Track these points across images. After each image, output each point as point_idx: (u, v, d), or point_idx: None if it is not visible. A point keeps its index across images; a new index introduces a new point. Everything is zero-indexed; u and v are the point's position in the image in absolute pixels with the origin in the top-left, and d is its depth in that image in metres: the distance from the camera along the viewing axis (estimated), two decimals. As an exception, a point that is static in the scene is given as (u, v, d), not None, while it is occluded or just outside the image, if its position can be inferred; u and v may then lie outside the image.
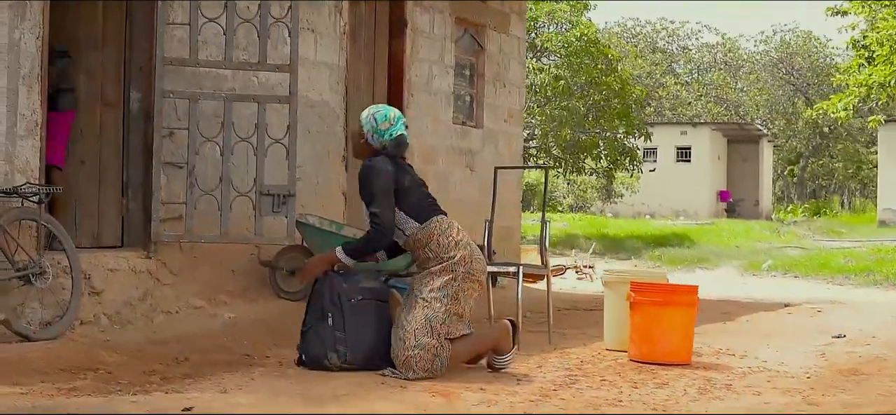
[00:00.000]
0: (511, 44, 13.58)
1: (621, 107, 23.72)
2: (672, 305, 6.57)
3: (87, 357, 6.60)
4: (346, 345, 5.94)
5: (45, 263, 7.24)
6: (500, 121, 13.40)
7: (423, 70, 11.84)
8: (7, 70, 7.29)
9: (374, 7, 11.42)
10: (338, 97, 10.52)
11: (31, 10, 7.43)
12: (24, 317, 7.26)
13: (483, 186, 12.69)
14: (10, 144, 7.33)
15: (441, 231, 6.21)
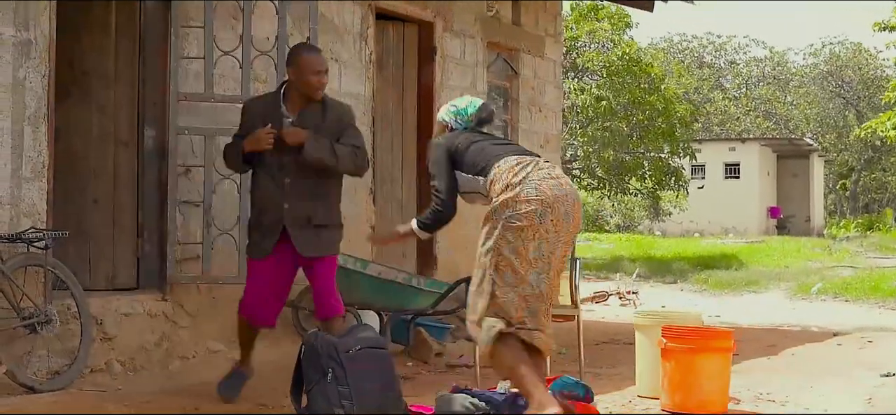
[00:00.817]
0: (546, 67, 13.18)
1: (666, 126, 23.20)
2: (706, 351, 6.13)
3: (91, 409, 6.29)
4: (350, 398, 5.56)
5: (51, 311, 6.95)
6: (537, 147, 12.97)
7: (455, 97, 11.42)
8: (11, 110, 7.01)
9: (403, 34, 11.08)
10: (364, 128, 10.14)
11: (37, 47, 7.14)
12: (31, 367, 6.96)
13: (519, 214, 12.30)
14: (16, 186, 7.04)
15: (498, 176, 5.44)
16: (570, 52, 24.43)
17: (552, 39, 13.30)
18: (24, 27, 7.08)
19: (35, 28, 7.14)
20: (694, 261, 22.27)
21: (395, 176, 11.09)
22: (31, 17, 7.11)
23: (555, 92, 13.45)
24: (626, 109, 23.43)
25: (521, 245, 5.33)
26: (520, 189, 5.31)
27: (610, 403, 6.70)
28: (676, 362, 6.12)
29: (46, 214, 7.24)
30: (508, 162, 5.47)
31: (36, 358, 7.04)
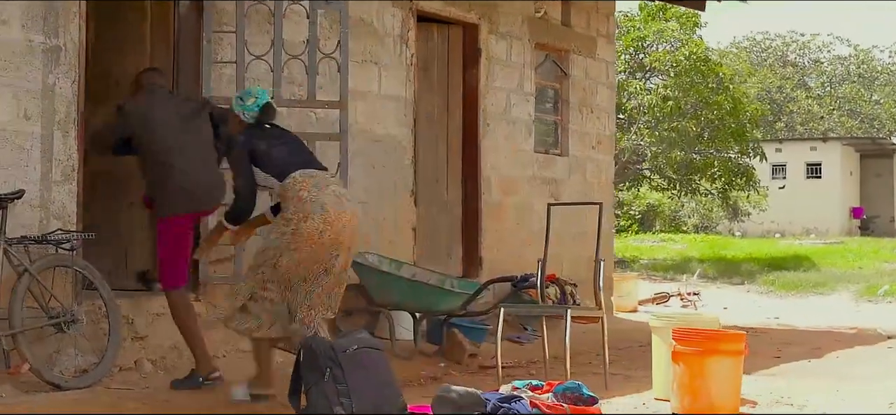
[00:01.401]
0: (598, 68, 13.06)
1: (735, 126, 22.83)
2: (716, 354, 6.02)
3: (109, 408, 6.38)
4: (349, 396, 5.57)
5: (77, 311, 7.06)
6: (588, 148, 12.89)
7: (500, 99, 11.42)
8: (41, 115, 7.15)
9: (447, 36, 11.07)
10: (405, 130, 10.18)
11: (66, 54, 7.27)
12: (60, 365, 7.08)
13: (568, 215, 12.18)
14: (46, 189, 7.18)
15: (292, 186, 6.29)
16: (637, 52, 24.17)
17: (605, 40, 13.17)
18: (54, 34, 7.21)
19: (64, 35, 7.27)
20: (764, 262, 21.92)
21: (440, 177, 11.08)
22: (60, 24, 7.24)
23: (607, 93, 13.31)
24: (694, 108, 23.09)
25: (298, 253, 6.20)
26: (310, 208, 6.16)
27: (623, 405, 6.62)
28: (686, 365, 6.02)
29: (76, 216, 7.36)
30: (303, 175, 6.29)
31: (65, 357, 7.16)
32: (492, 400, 5.56)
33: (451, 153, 11.15)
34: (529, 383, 5.99)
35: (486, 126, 11.23)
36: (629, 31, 24.09)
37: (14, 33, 7.00)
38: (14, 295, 6.72)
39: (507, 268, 11.17)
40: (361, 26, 9.69)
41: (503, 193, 11.37)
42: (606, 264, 12.95)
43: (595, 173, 12.97)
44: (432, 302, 8.61)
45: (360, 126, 9.66)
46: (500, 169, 11.40)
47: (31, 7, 7.07)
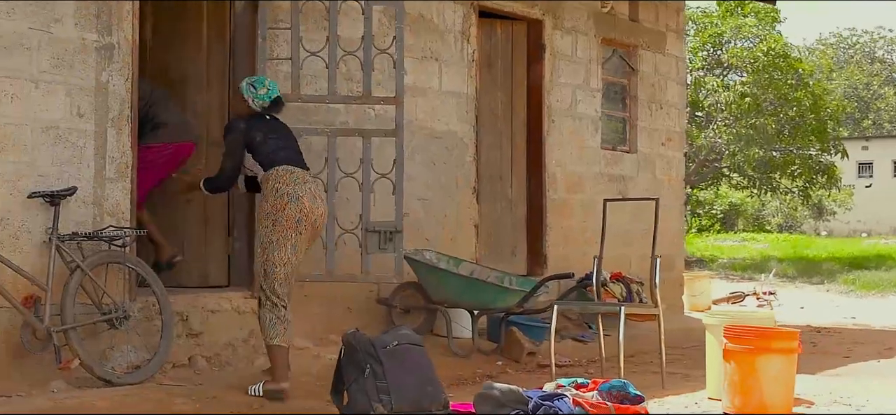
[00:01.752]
0: (668, 63, 12.80)
1: (816, 123, 22.29)
2: (767, 352, 5.79)
3: (156, 405, 6.35)
4: (388, 393, 5.47)
5: (129, 307, 7.06)
6: (658, 144, 12.65)
7: (566, 95, 11.25)
8: (95, 113, 7.16)
9: (511, 32, 10.93)
10: (466, 127, 10.06)
11: (120, 51, 7.28)
12: (113, 361, 7.09)
13: (636, 213, 11.99)
14: (99, 187, 7.19)
15: (274, 176, 6.76)
16: (714, 49, 23.74)
17: (674, 35, 12.91)
18: (107, 32, 7.22)
19: (118, 32, 7.28)
20: (846, 262, 21.40)
21: (505, 174, 10.94)
22: (114, 22, 7.25)
23: (678, 89, 13.05)
24: (773, 105, 22.60)
25: (283, 246, 6.71)
26: (286, 200, 6.68)
27: (675, 404, 6.43)
28: (737, 364, 5.82)
29: (130, 212, 7.35)
30: (285, 169, 6.77)
31: (119, 353, 7.16)
32: (534, 398, 5.42)
33: (516, 150, 11.01)
34: (575, 381, 5.83)
35: (550, 122, 11.06)
36: (706, 28, 23.67)
37: (67, 32, 7.01)
38: (65, 291, 6.73)
39: (572, 265, 10.99)
40: (421, 23, 9.60)
41: (569, 190, 11.19)
42: (677, 263, 12.77)
43: (665, 170, 12.72)
44: (489, 299, 8.48)
45: (420, 122, 9.57)
46: (565, 166, 11.23)
47: (84, 6, 7.08)
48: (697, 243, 27.91)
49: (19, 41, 6.77)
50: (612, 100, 12.25)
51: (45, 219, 6.82)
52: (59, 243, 6.78)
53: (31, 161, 6.84)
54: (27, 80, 6.82)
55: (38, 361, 6.73)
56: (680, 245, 13.15)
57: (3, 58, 6.70)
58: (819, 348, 9.81)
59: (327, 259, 8.10)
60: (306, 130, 8.22)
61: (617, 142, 12.22)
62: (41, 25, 6.88)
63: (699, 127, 23.33)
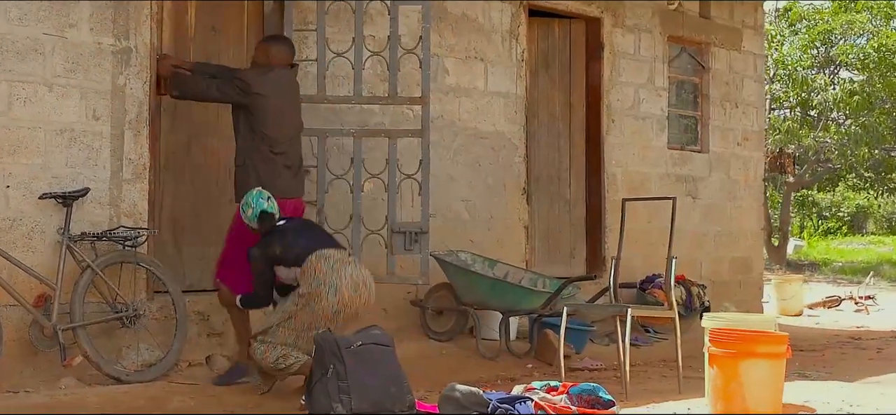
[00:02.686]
0: (744, 61, 12.38)
1: (934, 120, 21.30)
2: (751, 356, 5.48)
3: (150, 402, 6.38)
4: (349, 393, 5.37)
5: (140, 306, 7.12)
6: (732, 144, 12.24)
7: (627, 94, 10.96)
8: (111, 116, 7.25)
9: (569, 31, 10.72)
10: (515, 127, 9.89)
11: (137, 55, 7.36)
12: (127, 359, 7.17)
13: (709, 214, 11.67)
14: (115, 188, 7.27)
15: (308, 269, 6.36)
16: (823, 46, 22.91)
17: (751, 31, 12.48)
18: (125, 36, 7.30)
19: (135, 36, 7.36)
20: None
21: (563, 175, 10.74)
22: (131, 26, 7.33)
23: (755, 87, 12.60)
24: (885, 103, 21.67)
25: (312, 323, 6.31)
26: (323, 290, 6.27)
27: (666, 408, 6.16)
28: (720, 368, 5.53)
29: (148, 214, 7.43)
30: (318, 257, 6.35)
31: (134, 351, 7.24)
32: (493, 400, 5.26)
33: (574, 150, 10.79)
34: (547, 385, 5.63)
35: (610, 122, 10.80)
36: (817, 24, 22.85)
37: (82, 36, 7.12)
38: (75, 290, 6.84)
39: (634, 268, 10.74)
40: (465, 22, 9.48)
41: (630, 191, 10.89)
42: (755, 265, 12.34)
43: (740, 170, 12.30)
44: (515, 301, 8.30)
45: (464, 123, 9.45)
46: (626, 166, 10.95)
47: (99, 11, 7.17)
48: (819, 247, 27.02)
49: (33, 46, 6.90)
50: (682, 99, 11.90)
51: (59, 220, 6.93)
52: (71, 243, 6.88)
53: (44, 163, 6.96)
54: (40, 83, 6.94)
55: (48, 358, 6.84)
56: (758, 248, 12.70)
57: (16, 62, 6.84)
58: (883, 355, 9.35)
59: (353, 260, 8.03)
60: (333, 131, 8.18)
61: (686, 142, 11.86)
62: (55, 30, 7.00)
63: (810, 126, 22.54)
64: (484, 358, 8.29)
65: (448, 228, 9.28)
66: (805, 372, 7.76)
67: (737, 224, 12.23)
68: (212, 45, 8.10)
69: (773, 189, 24.24)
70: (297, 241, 6.45)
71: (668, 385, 7.21)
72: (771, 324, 6.14)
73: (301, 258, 6.34)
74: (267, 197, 6.66)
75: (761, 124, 12.82)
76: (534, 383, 5.80)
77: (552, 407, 5.28)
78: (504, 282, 8.40)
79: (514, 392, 5.56)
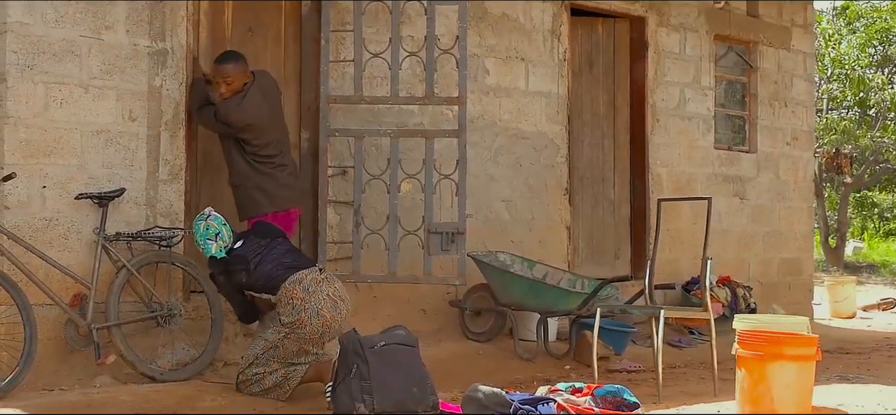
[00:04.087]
0: (794, 60, 12.14)
1: None
2: (778, 358, 5.33)
3: (181, 400, 6.36)
4: (371, 393, 5.31)
5: (174, 306, 7.11)
6: (781, 144, 12.01)
7: (673, 93, 10.80)
8: (147, 117, 7.26)
9: (613, 30, 10.57)
10: (557, 127, 9.77)
11: (173, 56, 7.36)
12: (163, 358, 7.16)
13: (757, 215, 11.47)
14: (152, 188, 7.27)
15: (285, 295, 6.35)
16: (882, 45, 22.44)
17: (801, 30, 12.24)
18: (161, 37, 7.30)
19: (172, 38, 7.36)
20: None
21: (607, 176, 10.60)
22: (167, 28, 7.33)
23: (805, 86, 12.36)
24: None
25: (300, 349, 6.39)
26: (305, 316, 6.26)
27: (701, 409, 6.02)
28: (747, 370, 5.39)
29: (184, 214, 7.42)
30: (291, 283, 6.31)
31: (170, 350, 7.23)
32: (515, 401, 5.16)
33: (619, 150, 10.65)
34: (572, 386, 5.52)
35: (655, 122, 10.64)
36: (874, 22, 22.39)
37: (118, 38, 7.13)
38: (110, 289, 6.84)
39: (681, 269, 10.59)
40: (505, 22, 9.38)
41: (676, 192, 10.73)
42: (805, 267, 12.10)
43: (790, 170, 12.06)
44: (551, 302, 8.18)
45: (504, 123, 9.36)
46: (672, 166, 10.78)
47: (135, 13, 7.18)
48: (879, 248, 26.52)
49: (69, 48, 6.91)
50: (729, 98, 11.71)
51: (95, 220, 6.94)
52: (106, 243, 6.89)
53: (80, 164, 6.97)
54: (77, 85, 6.95)
55: (84, 357, 6.85)
56: (808, 249, 12.44)
57: (52, 64, 6.85)
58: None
59: (389, 260, 7.98)
60: (369, 131, 8.14)
61: (734, 142, 11.66)
62: (91, 32, 7.01)
63: (869, 126, 22.09)
64: (521, 359, 8.19)
65: (489, 228, 9.19)
66: (847, 375, 7.58)
67: (786, 225, 12.00)
68: (248, 45, 8.06)
69: (831, 190, 23.77)
70: (262, 267, 6.41)
71: (706, 387, 7.05)
72: (802, 326, 5.97)
73: (271, 287, 6.32)
74: (214, 234, 6.59)
75: (811, 124, 12.57)
76: (559, 384, 5.69)
77: (575, 409, 5.17)
78: (541, 283, 8.29)
79: (539, 393, 5.46)
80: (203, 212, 6.74)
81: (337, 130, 8.08)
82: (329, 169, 8.13)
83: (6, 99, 6.68)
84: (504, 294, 8.25)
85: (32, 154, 6.77)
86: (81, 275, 6.83)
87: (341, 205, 8.27)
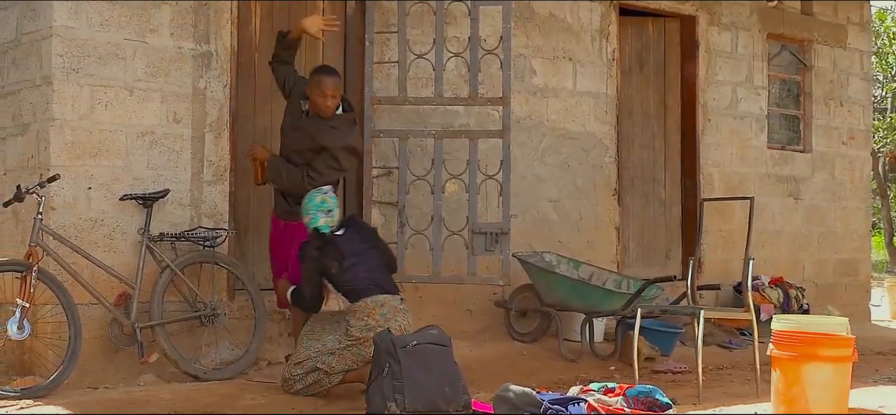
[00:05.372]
0: (850, 58, 11.87)
1: None
2: (814, 359, 5.17)
3: (222, 399, 6.34)
4: (402, 392, 5.25)
5: (217, 305, 7.11)
6: (837, 143, 11.75)
7: (724, 93, 10.60)
8: (192, 118, 7.27)
9: (664, 30, 10.42)
10: (606, 127, 9.63)
11: (218, 59, 7.36)
12: (207, 357, 7.17)
13: (812, 215, 11.23)
14: (196, 189, 7.28)
15: (362, 310, 6.23)
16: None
17: (857, 28, 11.95)
18: (205, 40, 7.31)
19: (216, 41, 7.36)
20: None
21: (658, 176, 10.44)
22: (211, 30, 7.34)
23: (862, 84, 12.06)
24: None
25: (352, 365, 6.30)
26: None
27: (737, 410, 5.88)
28: (782, 371, 5.24)
29: (228, 214, 7.42)
30: (373, 302, 6.18)
31: (214, 349, 7.23)
32: (546, 401, 5.07)
33: (670, 150, 10.48)
34: (604, 386, 5.41)
35: (706, 121, 10.46)
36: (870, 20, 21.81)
37: (163, 41, 7.15)
38: (154, 289, 6.86)
39: (732, 269, 10.39)
40: (552, 22, 9.28)
41: (728, 192, 10.53)
42: (862, 268, 11.83)
43: (846, 170, 11.79)
44: (595, 302, 8.05)
45: (552, 123, 9.25)
46: (723, 166, 10.59)
47: (180, 16, 7.19)
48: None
49: (114, 51, 6.95)
50: (783, 97, 11.48)
51: (140, 220, 6.96)
52: (150, 244, 6.91)
53: (126, 165, 7.00)
54: (122, 87, 6.98)
55: (129, 356, 6.88)
56: (866, 249, 12.15)
57: (97, 67, 6.89)
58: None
59: (433, 260, 7.92)
60: (414, 132, 8.09)
61: (788, 141, 11.43)
62: (136, 36, 7.04)
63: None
64: (566, 360, 8.07)
65: (536, 228, 9.09)
66: None
67: (842, 225, 11.74)
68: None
69: (897, 190, 23.28)
70: (354, 271, 6.24)
71: (750, 389, 6.89)
72: (842, 327, 5.78)
73: (353, 294, 6.20)
74: (327, 210, 6.40)
75: (868, 123, 12.27)
76: (592, 384, 5.59)
77: (606, 409, 5.07)
78: (585, 283, 8.17)
79: (570, 393, 5.36)
80: (321, 187, 6.55)
81: (381, 130, 8.03)
82: (374, 170, 8.08)
83: (52, 102, 6.72)
84: (548, 294, 8.14)
85: (78, 156, 6.80)
86: (126, 275, 6.85)
87: (386, 205, 8.21)
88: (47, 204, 6.61)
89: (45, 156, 6.74)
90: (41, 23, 6.84)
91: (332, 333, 6.30)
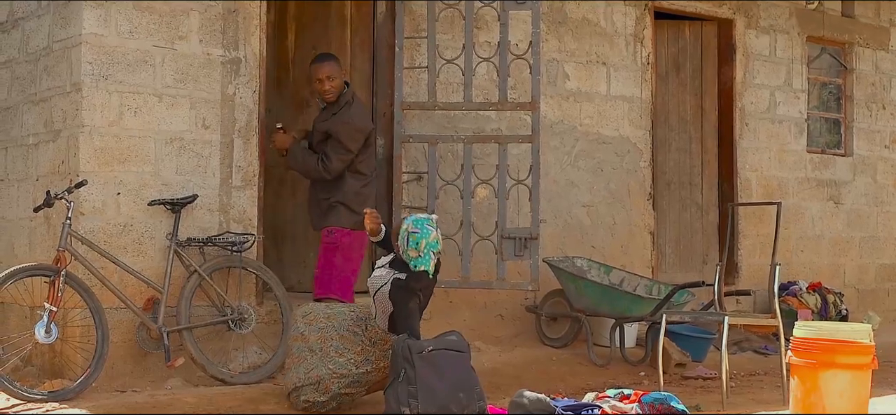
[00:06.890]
0: (892, 61, 11.61)
1: None
2: (831, 367, 5.02)
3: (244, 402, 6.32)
4: (416, 397, 5.18)
5: (245, 310, 7.08)
6: (880, 147, 11.50)
7: (762, 96, 10.41)
8: (220, 124, 7.25)
9: (701, 33, 10.25)
10: (640, 132, 9.50)
11: (247, 65, 7.34)
12: (235, 361, 7.14)
13: (852, 220, 11.01)
14: (225, 194, 7.26)
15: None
16: None
17: (900, 30, 11.71)
18: (234, 47, 7.29)
19: (245, 47, 7.34)
20: None
21: (694, 180, 10.27)
22: (240, 37, 7.31)
23: (905, 86, 11.82)
24: None
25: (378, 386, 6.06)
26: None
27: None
28: (800, 379, 5.10)
29: (257, 219, 7.39)
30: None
31: (242, 354, 7.21)
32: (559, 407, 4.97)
33: (707, 155, 10.31)
34: (620, 392, 5.30)
35: (743, 125, 10.28)
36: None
37: (192, 48, 7.13)
38: (182, 294, 6.85)
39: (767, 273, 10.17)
40: (585, 26, 9.16)
41: (766, 196, 10.34)
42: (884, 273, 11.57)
43: (889, 174, 11.54)
44: (624, 307, 7.93)
45: (585, 127, 9.13)
46: (761, 170, 10.40)
47: (209, 23, 7.18)
48: None
49: (143, 58, 6.94)
50: (823, 101, 11.26)
51: (168, 225, 6.95)
52: (178, 248, 6.89)
53: (154, 171, 6.99)
54: (150, 94, 6.98)
55: (156, 360, 6.86)
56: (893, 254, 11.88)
57: (126, 74, 6.89)
58: None
59: (463, 265, 7.84)
60: (443, 137, 8.02)
61: (828, 145, 11.21)
62: (165, 43, 7.03)
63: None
64: (595, 365, 7.95)
65: (568, 233, 8.98)
66: (929, 386, 7.18)
67: (885, 230, 11.49)
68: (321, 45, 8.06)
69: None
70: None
71: (780, 395, 6.73)
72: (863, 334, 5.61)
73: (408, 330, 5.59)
74: (438, 251, 5.75)
75: (911, 126, 12.01)
76: (608, 390, 5.48)
77: None
78: (614, 288, 8.05)
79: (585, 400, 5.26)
80: (430, 217, 5.89)
81: (411, 135, 7.97)
82: (403, 175, 8.02)
83: (81, 108, 6.73)
84: (577, 299, 8.03)
85: (107, 162, 6.81)
86: (154, 279, 6.84)
87: (416, 210, 8.14)
88: (77, 209, 6.61)
89: (75, 162, 6.75)
90: (71, 30, 6.86)
91: (347, 350, 6.02)
